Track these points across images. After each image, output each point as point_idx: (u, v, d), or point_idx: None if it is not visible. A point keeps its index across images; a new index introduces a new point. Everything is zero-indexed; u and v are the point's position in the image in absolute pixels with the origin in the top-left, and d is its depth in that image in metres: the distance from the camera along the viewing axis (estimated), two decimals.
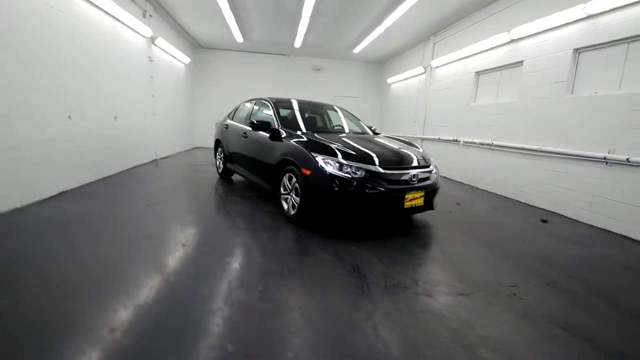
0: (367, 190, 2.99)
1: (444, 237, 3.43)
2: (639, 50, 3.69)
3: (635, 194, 3.62)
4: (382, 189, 3.02)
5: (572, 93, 4.47)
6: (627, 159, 3.63)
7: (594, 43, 4.14)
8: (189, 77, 10.27)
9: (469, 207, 4.80)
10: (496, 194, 5.74)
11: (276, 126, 4.05)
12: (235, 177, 6.02)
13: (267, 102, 4.63)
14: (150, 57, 6.97)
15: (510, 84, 5.67)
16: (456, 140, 6.90)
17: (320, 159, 3.12)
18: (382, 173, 3.08)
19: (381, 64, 11.96)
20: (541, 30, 4.83)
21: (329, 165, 3.06)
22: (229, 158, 5.47)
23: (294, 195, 3.43)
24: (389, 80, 11.02)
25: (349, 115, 5.05)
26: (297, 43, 9.26)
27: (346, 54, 10.73)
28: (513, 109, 5.44)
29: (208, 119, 11.21)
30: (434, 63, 8.01)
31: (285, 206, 3.62)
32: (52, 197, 3.93)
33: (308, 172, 3.14)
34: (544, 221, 4.22)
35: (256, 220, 3.61)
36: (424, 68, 8.57)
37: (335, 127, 4.80)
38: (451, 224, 3.87)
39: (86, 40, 4.62)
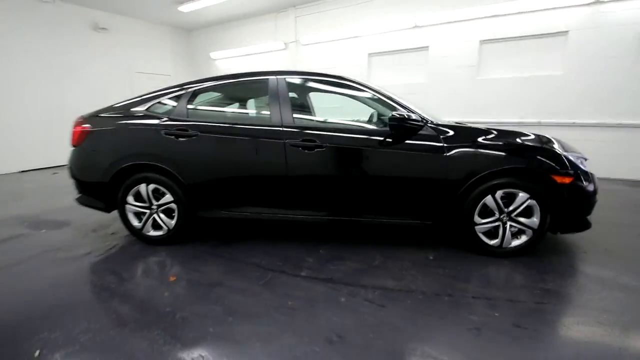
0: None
1: None
2: (525, 46, 5.33)
3: None
4: None
5: (479, 75, 5.77)
6: (539, 122, 5.35)
7: (495, 37, 5.48)
8: None
9: None
10: None
11: (421, 120, 2.42)
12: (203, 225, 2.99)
13: (340, 81, 2.71)
14: None
15: (412, 66, 6.36)
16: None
17: (574, 158, 2.31)
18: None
19: (188, 32, 9.31)
20: (450, 20, 5.71)
21: (583, 165, 2.35)
22: (207, 197, 2.63)
23: (521, 219, 2.33)
24: (214, 56, 8.90)
25: None
26: None
27: (158, 12, 7.43)
28: (423, 90, 6.21)
29: None
30: (303, 40, 7.33)
31: (494, 241, 2.39)
32: None
33: (568, 180, 2.24)
34: None
35: (470, 279, 2.14)
36: (285, 44, 7.65)
37: None
38: None
39: None
